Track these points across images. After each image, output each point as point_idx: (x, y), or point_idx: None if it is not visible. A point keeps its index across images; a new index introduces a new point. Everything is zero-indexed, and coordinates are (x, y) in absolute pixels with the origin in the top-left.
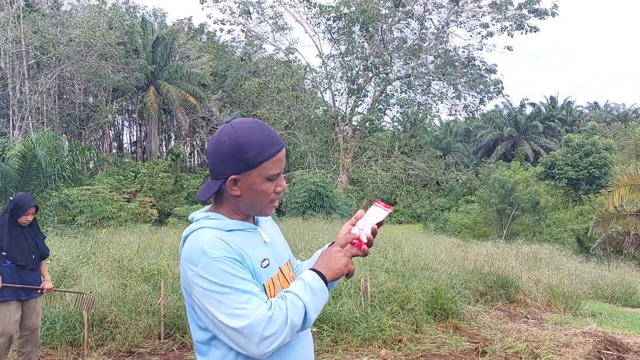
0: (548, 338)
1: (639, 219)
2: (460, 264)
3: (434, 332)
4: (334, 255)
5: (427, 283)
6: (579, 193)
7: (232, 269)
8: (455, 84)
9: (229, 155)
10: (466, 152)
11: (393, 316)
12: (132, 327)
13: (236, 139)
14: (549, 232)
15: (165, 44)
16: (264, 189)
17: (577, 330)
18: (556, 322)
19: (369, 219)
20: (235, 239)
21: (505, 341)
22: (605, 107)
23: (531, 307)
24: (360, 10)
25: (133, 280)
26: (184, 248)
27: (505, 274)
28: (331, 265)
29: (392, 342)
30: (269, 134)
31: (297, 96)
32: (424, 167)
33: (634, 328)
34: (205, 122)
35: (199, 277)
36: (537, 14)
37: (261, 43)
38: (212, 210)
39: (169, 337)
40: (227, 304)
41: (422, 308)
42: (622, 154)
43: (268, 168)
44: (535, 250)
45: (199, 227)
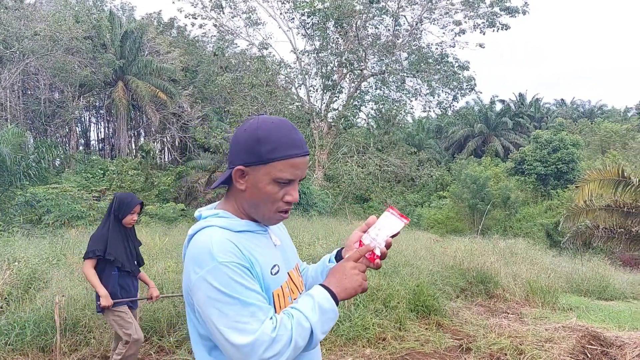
0: (530, 333)
1: (607, 213)
2: (440, 260)
3: (418, 329)
4: (348, 273)
5: (409, 280)
6: (547, 188)
7: (239, 276)
8: (429, 80)
9: (243, 145)
10: (438, 148)
11: (376, 314)
12: (107, 331)
13: (256, 130)
14: (519, 226)
15: (134, 38)
16: (269, 192)
17: (558, 325)
18: (536, 316)
19: (383, 229)
20: (245, 242)
21: (488, 337)
22: (572, 103)
23: (510, 302)
24: (335, 6)
25: None
26: (189, 248)
27: (484, 270)
28: (345, 284)
29: (376, 341)
30: (292, 136)
31: (271, 92)
32: (399, 164)
33: (611, 322)
34: (176, 118)
35: (203, 281)
36: (508, 12)
37: (234, 38)
38: (221, 207)
39: (145, 341)
40: (230, 315)
41: (404, 305)
42: (588, 149)
43: (278, 169)
44: (510, 245)
45: (207, 226)
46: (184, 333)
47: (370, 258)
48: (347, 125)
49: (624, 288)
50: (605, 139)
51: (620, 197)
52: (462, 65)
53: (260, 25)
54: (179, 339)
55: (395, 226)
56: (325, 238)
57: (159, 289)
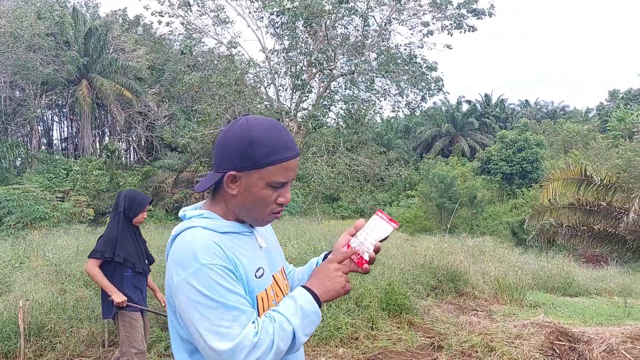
0: (500, 330)
1: (570, 211)
2: (411, 259)
3: (390, 328)
4: (332, 274)
5: (380, 279)
6: (512, 187)
7: (223, 279)
8: (398, 81)
9: (234, 148)
10: (406, 148)
11: (349, 314)
12: (74, 335)
13: (248, 132)
14: (486, 225)
15: (99, 35)
16: (263, 196)
17: (526, 322)
18: (504, 313)
19: (372, 232)
20: (230, 244)
21: (459, 335)
22: (536, 104)
23: (479, 299)
24: (304, 6)
25: (72, 286)
26: (172, 248)
27: (454, 268)
28: (328, 286)
29: (349, 341)
30: (284, 138)
31: (240, 91)
32: (368, 163)
33: (577, 317)
34: (142, 117)
35: (185, 283)
36: (474, 14)
37: (201, 36)
38: (206, 207)
39: (113, 345)
40: (211, 319)
41: (376, 305)
42: (551, 149)
43: (273, 173)
44: (478, 243)
45: (191, 226)
46: (153, 336)
47: (359, 263)
48: (317, 124)
49: (588, 284)
50: (568, 139)
51: (582, 195)
52: (430, 66)
53: (229, 23)
54: (149, 343)
55: (384, 230)
56: (297, 238)
57: None
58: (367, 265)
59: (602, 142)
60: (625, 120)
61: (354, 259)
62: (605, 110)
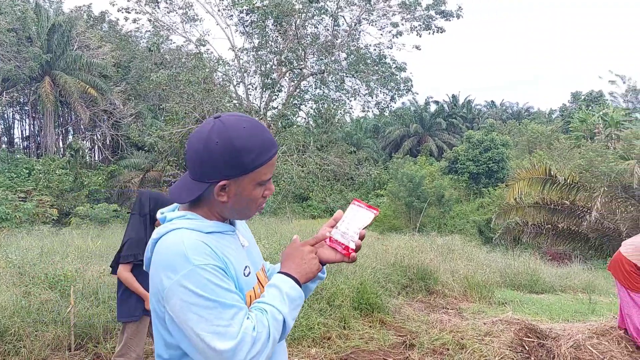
0: (470, 327)
1: (535, 210)
2: (382, 258)
3: (362, 327)
4: (306, 257)
5: (352, 278)
6: (479, 186)
7: (218, 279)
8: (368, 81)
9: (221, 159)
10: (375, 147)
11: (321, 314)
12: (39, 339)
13: (231, 140)
14: (453, 223)
15: (63, 32)
16: (255, 195)
17: (495, 319)
18: (474, 311)
19: (353, 222)
20: (217, 243)
21: (431, 333)
22: (501, 105)
23: (449, 297)
24: (274, 4)
25: (37, 288)
26: (157, 253)
27: (424, 266)
28: (305, 268)
29: (321, 340)
30: (266, 136)
31: (208, 90)
32: (338, 162)
33: (544, 314)
34: (108, 115)
35: (179, 286)
36: (443, 15)
37: (169, 34)
38: (186, 209)
39: (80, 348)
40: (209, 319)
41: (349, 304)
42: (516, 149)
43: (262, 173)
44: (447, 241)
45: (175, 228)
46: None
47: (346, 253)
48: (287, 124)
49: (553, 281)
50: (532, 139)
51: (547, 195)
52: (400, 67)
53: (198, 21)
54: (116, 345)
55: (365, 218)
56: (267, 238)
57: (93, 293)
58: (354, 254)
59: (565, 142)
60: (586, 121)
61: (339, 248)
62: (568, 111)
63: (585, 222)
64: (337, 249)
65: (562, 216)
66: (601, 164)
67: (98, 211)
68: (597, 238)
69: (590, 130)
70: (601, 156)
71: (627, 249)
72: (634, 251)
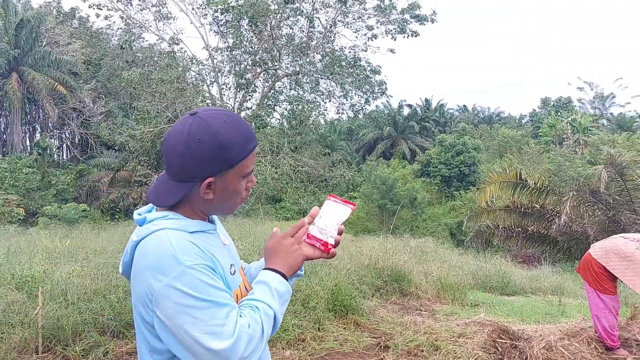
0: (443, 329)
1: (506, 213)
2: (357, 260)
3: (336, 329)
4: (290, 249)
5: (327, 280)
6: (451, 189)
7: (209, 278)
8: (343, 83)
9: (206, 157)
10: (349, 149)
11: (295, 315)
12: (4, 341)
13: (215, 136)
14: (425, 226)
15: (31, 27)
16: (239, 188)
17: (468, 320)
18: (447, 312)
19: (330, 217)
20: (202, 242)
21: (405, 335)
22: (473, 110)
23: (423, 299)
24: (249, 4)
25: (3, 289)
26: (142, 256)
27: (398, 268)
28: (290, 261)
29: (295, 342)
30: (246, 127)
31: (181, 89)
32: (312, 164)
33: (515, 315)
34: (77, 113)
35: (171, 288)
36: (417, 20)
37: (142, 32)
38: (167, 210)
39: (48, 351)
40: (204, 320)
41: (323, 306)
42: (487, 153)
43: (246, 166)
44: (420, 244)
45: (157, 229)
46: (91, 341)
47: (325, 249)
48: (261, 124)
49: (524, 284)
50: (503, 143)
51: (517, 198)
52: (374, 70)
53: (171, 19)
54: (86, 348)
55: (343, 213)
56: (241, 239)
57: (62, 294)
58: (333, 250)
59: (535, 147)
60: (555, 126)
61: (318, 245)
62: (538, 117)
63: (554, 225)
64: (316, 245)
65: (532, 219)
66: (569, 169)
67: (66, 211)
68: (566, 241)
69: (559, 135)
70: (569, 161)
71: (596, 252)
72: (603, 254)
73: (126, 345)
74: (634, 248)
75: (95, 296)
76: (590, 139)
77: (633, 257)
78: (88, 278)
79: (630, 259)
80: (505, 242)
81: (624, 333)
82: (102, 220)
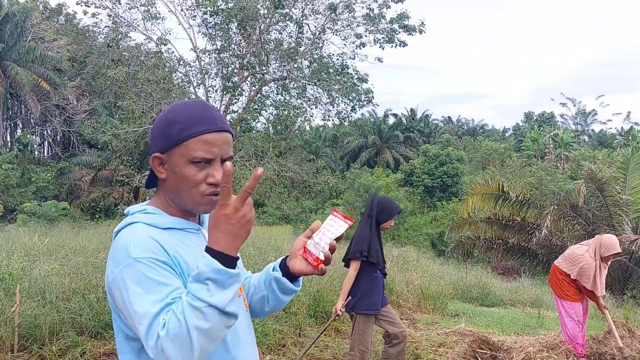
0: (424, 338)
1: (488, 225)
2: (339, 265)
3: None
4: (233, 216)
5: (309, 286)
6: (433, 200)
7: (153, 272)
8: (330, 90)
9: (157, 131)
10: (333, 156)
11: (276, 321)
12: None
13: (167, 113)
14: (407, 235)
15: (16, 22)
16: (187, 174)
17: (449, 330)
18: (427, 322)
19: (327, 232)
20: (173, 240)
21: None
22: (457, 121)
23: (404, 308)
24: (239, 8)
25: None
26: (112, 246)
27: None
28: (232, 230)
29: (276, 347)
30: (204, 113)
31: (168, 89)
32: (297, 170)
33: (495, 326)
34: (60, 110)
35: (119, 279)
36: (406, 30)
37: (129, 30)
38: (151, 203)
39: (24, 350)
40: (139, 303)
41: (304, 311)
42: (470, 165)
43: (192, 148)
44: (403, 253)
45: (132, 222)
46: (68, 341)
47: (315, 264)
48: (246, 128)
49: (503, 295)
50: (486, 156)
51: (499, 210)
52: (362, 78)
53: (160, 19)
54: (62, 348)
55: (338, 228)
56: None
57: (39, 293)
58: (322, 266)
59: (517, 160)
60: (538, 141)
61: (311, 259)
62: (521, 130)
63: (534, 238)
64: (309, 259)
65: (513, 232)
66: (550, 183)
67: (46, 209)
68: (545, 254)
69: (541, 149)
70: (551, 175)
71: (558, 260)
72: (562, 260)
73: (104, 346)
74: (584, 251)
75: (74, 295)
76: (572, 154)
77: (582, 259)
78: (67, 277)
79: (579, 260)
80: (486, 254)
81: (601, 347)
82: (82, 220)
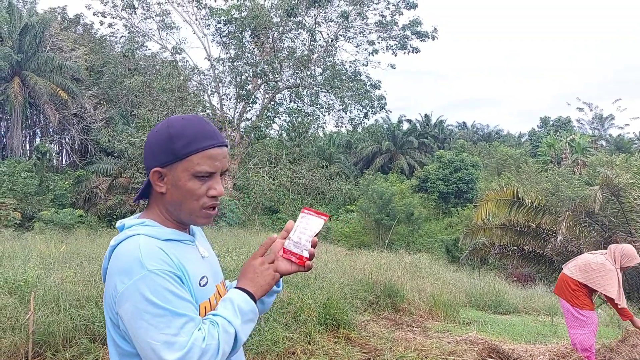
0: (434, 346)
1: (502, 231)
2: (350, 274)
3: (327, 343)
4: (259, 269)
5: (319, 293)
6: (448, 206)
7: (172, 285)
8: (342, 97)
9: (156, 146)
10: (347, 163)
11: (287, 328)
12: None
13: (167, 128)
14: (422, 241)
15: (35, 32)
16: (191, 188)
17: (459, 338)
18: (438, 330)
19: (305, 230)
20: (174, 251)
21: (395, 350)
22: (472, 127)
23: (415, 315)
24: (252, 16)
25: None
26: (114, 259)
27: (392, 284)
28: (259, 281)
29: (285, 355)
30: (205, 128)
31: (182, 98)
32: (310, 176)
33: (507, 335)
34: (78, 119)
35: (132, 291)
36: (418, 36)
37: (145, 40)
38: (145, 216)
39: (38, 357)
40: (159, 327)
41: (315, 319)
42: (485, 171)
43: (196, 163)
44: (415, 259)
45: (133, 234)
46: (81, 348)
47: (300, 262)
48: (260, 136)
49: (517, 303)
50: (501, 161)
51: (514, 216)
52: (374, 84)
53: (174, 29)
54: (76, 355)
55: (316, 225)
56: (236, 250)
57: (54, 300)
58: (309, 262)
59: (533, 166)
60: (554, 146)
61: (294, 259)
62: (537, 136)
63: (550, 245)
64: (292, 259)
65: (528, 238)
66: (567, 189)
67: (63, 216)
68: (561, 261)
69: (557, 155)
70: (567, 181)
71: (571, 271)
72: (578, 271)
73: None
74: (604, 259)
75: (87, 303)
76: (589, 160)
77: (604, 267)
78: (81, 284)
79: (601, 269)
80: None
81: (614, 355)
82: (98, 227)
